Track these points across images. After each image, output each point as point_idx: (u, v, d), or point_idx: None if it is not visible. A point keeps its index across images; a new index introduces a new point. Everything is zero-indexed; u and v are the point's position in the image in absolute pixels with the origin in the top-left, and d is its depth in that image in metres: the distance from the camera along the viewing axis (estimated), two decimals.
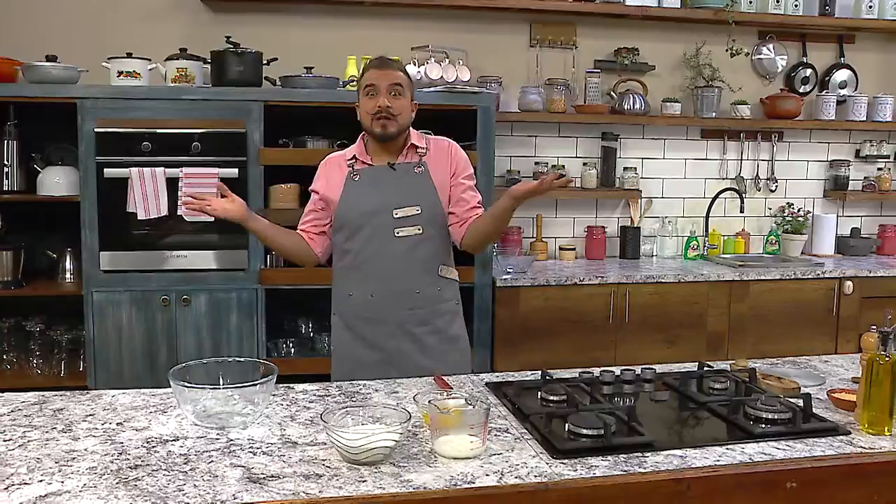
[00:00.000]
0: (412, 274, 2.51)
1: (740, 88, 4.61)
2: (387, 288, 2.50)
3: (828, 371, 2.36)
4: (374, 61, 2.53)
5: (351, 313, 2.56)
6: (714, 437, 1.78)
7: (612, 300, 3.96)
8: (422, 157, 2.55)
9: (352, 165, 2.58)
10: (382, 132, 2.46)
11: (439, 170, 2.55)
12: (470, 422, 1.65)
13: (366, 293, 2.52)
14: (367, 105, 2.48)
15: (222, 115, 3.50)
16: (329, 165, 2.66)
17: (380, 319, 2.51)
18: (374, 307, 2.51)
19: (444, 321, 2.57)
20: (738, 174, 4.79)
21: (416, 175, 2.53)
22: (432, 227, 2.53)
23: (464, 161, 2.61)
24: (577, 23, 4.47)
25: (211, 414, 1.82)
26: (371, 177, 2.54)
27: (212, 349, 3.56)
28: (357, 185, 2.54)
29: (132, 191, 3.40)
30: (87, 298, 3.47)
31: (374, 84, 2.46)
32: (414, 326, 2.51)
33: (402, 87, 2.48)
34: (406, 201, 2.50)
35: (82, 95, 3.39)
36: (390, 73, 2.47)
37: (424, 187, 2.52)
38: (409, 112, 2.52)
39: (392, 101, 2.44)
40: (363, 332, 2.54)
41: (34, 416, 1.86)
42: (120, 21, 4.00)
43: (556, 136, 4.53)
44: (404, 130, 2.52)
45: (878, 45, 4.94)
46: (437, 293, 2.55)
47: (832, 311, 4.25)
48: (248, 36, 3.72)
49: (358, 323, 2.55)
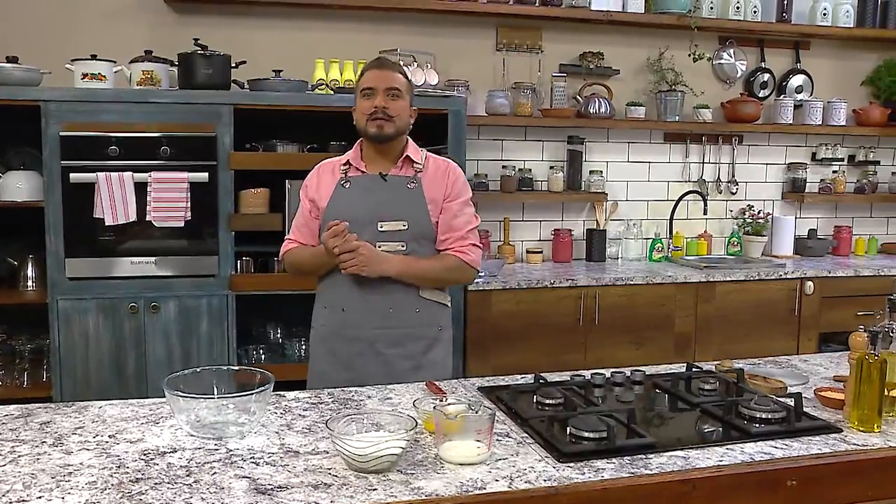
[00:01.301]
0: (387, 290, 2.39)
1: (702, 92, 4.69)
2: (359, 302, 2.41)
3: (809, 370, 2.40)
4: (372, 62, 2.48)
5: (325, 327, 2.49)
6: (713, 437, 1.81)
7: (581, 303, 3.99)
8: (417, 172, 2.48)
9: (345, 172, 2.50)
10: (378, 133, 2.39)
11: (433, 188, 2.46)
12: (476, 427, 1.64)
13: (338, 306, 2.44)
14: (363, 106, 2.42)
15: (191, 118, 3.44)
16: (322, 170, 2.58)
17: (350, 336, 2.42)
18: (345, 321, 2.43)
19: (419, 346, 2.44)
20: (700, 177, 4.87)
21: (407, 190, 2.45)
22: (418, 245, 2.43)
23: (461, 184, 2.52)
24: (542, 27, 4.50)
25: (205, 424, 1.78)
26: (361, 185, 2.47)
27: (182, 357, 3.49)
28: (346, 193, 2.47)
29: (99, 196, 3.32)
30: (52, 306, 3.37)
31: (371, 86, 2.40)
32: (385, 347, 2.41)
33: (401, 91, 2.42)
34: (393, 215, 2.42)
35: (46, 98, 3.29)
36: (389, 74, 2.42)
37: (414, 203, 2.43)
38: (408, 116, 2.47)
39: (389, 103, 2.39)
40: (335, 348, 2.45)
41: (20, 429, 1.79)
42: (81, 22, 3.90)
43: (522, 139, 4.55)
44: (401, 133, 2.46)
45: (831, 51, 5.07)
46: (415, 315, 2.44)
47: (794, 311, 4.35)
48: (213, 38, 3.65)
49: (331, 337, 2.47)
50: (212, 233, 3.49)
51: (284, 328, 3.93)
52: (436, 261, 2.46)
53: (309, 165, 3.53)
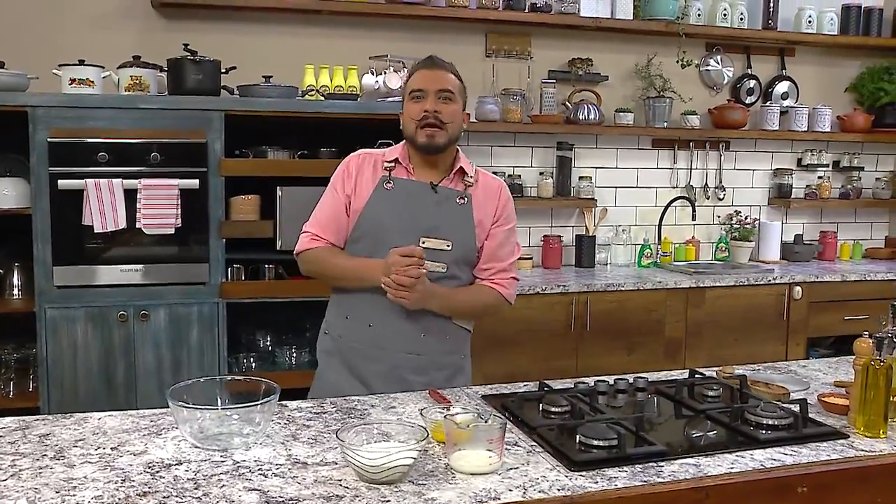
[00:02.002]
0: (422, 314, 2.22)
1: (691, 99, 4.71)
2: (389, 323, 2.22)
3: (808, 375, 2.41)
4: (423, 62, 2.26)
5: (343, 339, 2.31)
6: (723, 444, 1.80)
7: (573, 309, 3.98)
8: (467, 186, 2.28)
9: (389, 170, 2.27)
10: (428, 142, 2.18)
11: (483, 209, 2.27)
12: (488, 436, 1.62)
13: (364, 321, 2.26)
14: (412, 110, 2.20)
15: (181, 124, 3.40)
16: (364, 161, 2.31)
17: (373, 356, 2.25)
18: (369, 339, 2.25)
19: (443, 375, 2.29)
20: (687, 183, 4.89)
21: (456, 206, 2.25)
22: (459, 268, 2.27)
23: (511, 208, 2.35)
24: (531, 33, 4.50)
25: (209, 435, 1.75)
26: (407, 191, 2.25)
27: (172, 366, 3.44)
28: (389, 195, 2.24)
29: (88, 203, 3.27)
30: (39, 315, 3.31)
31: (422, 88, 2.18)
32: (408, 373, 2.24)
33: (454, 93, 2.21)
34: (438, 231, 2.23)
35: (34, 103, 3.24)
36: (441, 75, 2.20)
37: (463, 222, 2.23)
38: (460, 121, 2.25)
39: (441, 107, 2.17)
40: (352, 363, 2.28)
41: (19, 442, 1.75)
42: (68, 27, 3.85)
43: (512, 145, 4.54)
44: (453, 142, 2.25)
45: (816, 58, 5.11)
46: (445, 342, 2.29)
47: (783, 316, 4.37)
48: (201, 44, 3.60)
49: (348, 352, 2.29)
50: (202, 240, 3.45)
51: (274, 336, 3.90)
52: (474, 295, 2.31)
53: (301, 172, 3.58)
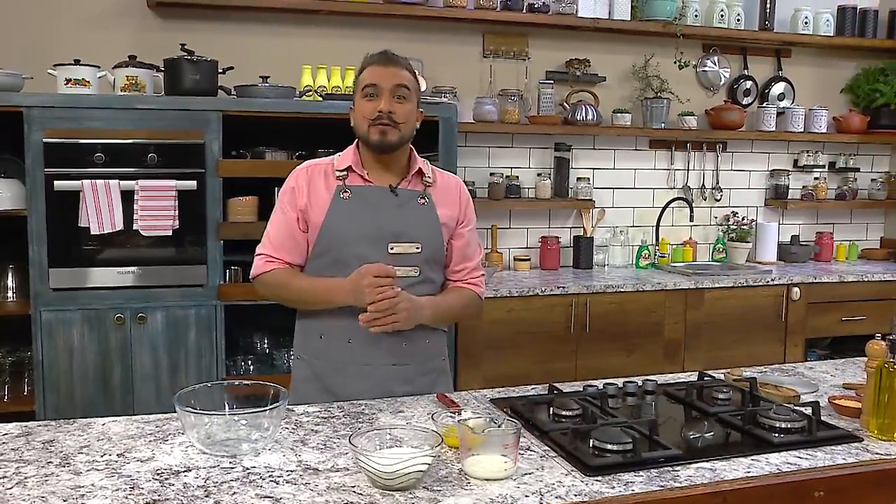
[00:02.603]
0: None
1: (688, 100, 4.70)
2: (370, 336, 2.10)
3: (816, 377, 2.40)
4: (375, 56, 2.16)
5: (321, 361, 2.19)
6: (737, 448, 1.78)
7: (572, 310, 3.96)
8: (427, 186, 2.22)
9: (343, 178, 2.18)
10: (381, 140, 2.10)
11: (444, 206, 2.22)
12: (503, 441, 1.60)
13: (342, 338, 2.14)
14: (364, 108, 2.11)
15: (179, 125, 3.36)
16: (311, 173, 2.20)
17: (356, 373, 2.14)
18: (351, 357, 2.14)
19: (428, 381, 2.22)
20: (684, 184, 4.88)
21: (419, 206, 2.19)
22: (431, 269, 2.20)
23: (472, 208, 2.31)
24: (529, 34, 4.48)
25: (216, 441, 1.72)
26: (366, 198, 2.15)
27: (169, 369, 3.41)
28: (348, 204, 2.15)
29: (84, 204, 3.23)
30: (35, 318, 3.26)
31: (374, 83, 2.10)
32: (395, 385, 2.15)
33: (409, 90, 2.13)
34: (405, 235, 2.15)
35: (29, 104, 3.19)
36: (395, 71, 2.11)
37: (428, 222, 2.17)
38: (414, 121, 2.18)
39: (395, 106, 2.09)
40: (332, 385, 2.16)
41: (23, 449, 1.72)
42: (62, 27, 3.80)
43: (509, 146, 4.52)
44: (406, 141, 2.17)
45: (811, 59, 5.12)
46: (426, 346, 2.21)
47: (781, 317, 4.37)
48: (197, 44, 3.56)
49: (328, 373, 2.17)
50: (200, 242, 3.42)
51: (271, 338, 3.87)
52: (457, 299, 2.25)
53: None
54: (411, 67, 2.19)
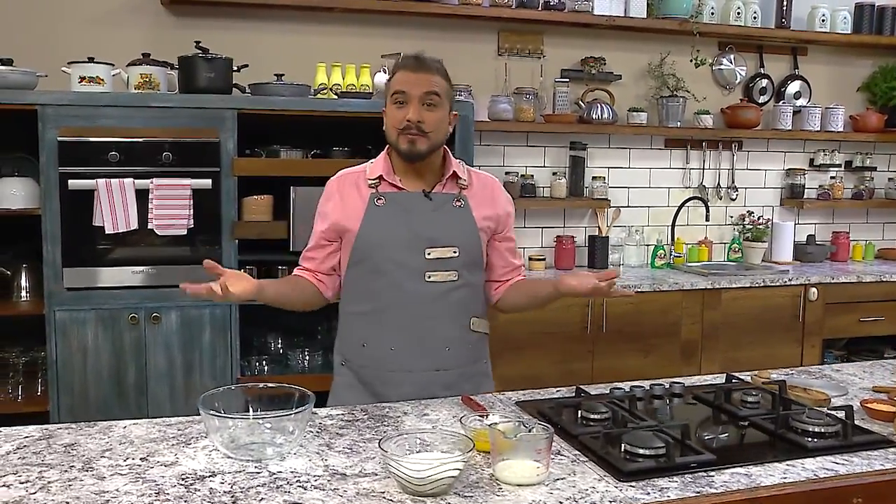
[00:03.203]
0: (443, 327, 2.14)
1: (705, 98, 4.65)
2: (412, 342, 2.12)
3: (844, 380, 2.35)
4: (407, 61, 2.10)
5: (364, 367, 2.18)
6: (771, 453, 1.74)
7: (589, 311, 3.93)
8: (462, 189, 2.18)
9: (375, 186, 2.15)
10: (409, 150, 2.07)
11: (481, 208, 2.18)
12: (535, 446, 1.56)
13: (384, 345, 2.13)
14: (393, 116, 2.08)
15: (193, 123, 3.33)
16: (343, 185, 2.20)
17: (398, 380, 2.12)
18: (393, 363, 2.13)
19: (471, 385, 2.19)
20: (700, 183, 4.84)
21: (454, 209, 2.15)
22: (469, 273, 2.16)
23: (511, 207, 2.28)
24: (544, 32, 4.44)
25: (240, 445, 1.69)
26: (400, 204, 2.12)
27: (183, 369, 3.38)
28: (382, 213, 2.12)
29: (99, 203, 3.20)
30: (49, 318, 3.24)
31: (404, 91, 2.05)
32: (438, 390, 2.13)
33: (440, 97, 2.07)
34: (441, 240, 2.11)
35: (43, 102, 3.17)
36: (426, 77, 2.06)
37: (464, 225, 2.13)
38: (446, 126, 2.13)
39: (424, 115, 2.04)
40: (377, 391, 2.15)
41: (44, 453, 1.69)
42: (76, 25, 3.78)
43: (524, 145, 4.49)
44: (437, 148, 2.12)
45: (827, 57, 5.07)
46: (469, 351, 2.20)
47: (798, 317, 4.32)
48: (210, 41, 3.52)
49: (372, 380, 2.16)
50: (215, 241, 3.39)
51: (285, 338, 3.84)
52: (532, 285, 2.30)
53: (314, 172, 3.51)
54: (443, 69, 2.14)
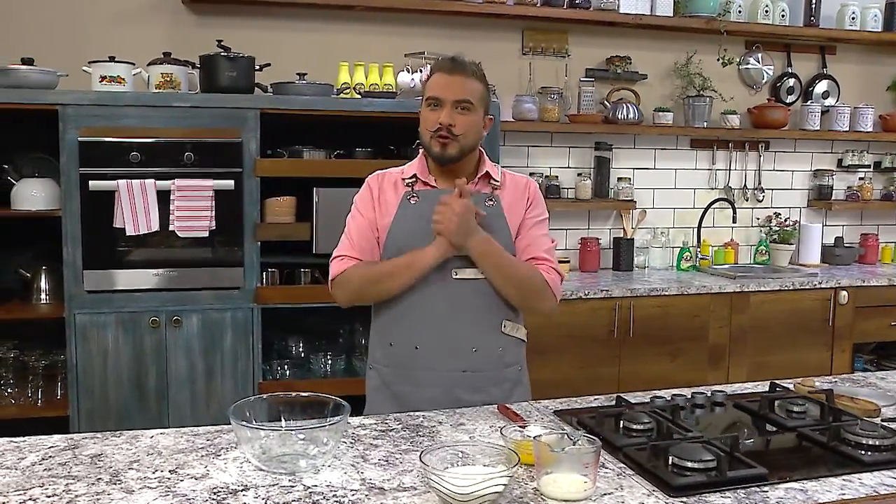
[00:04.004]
0: (470, 326, 2.10)
1: (732, 98, 4.57)
2: (437, 341, 2.08)
3: (891, 389, 2.27)
4: (443, 63, 2.10)
5: (390, 368, 2.15)
6: (825, 466, 1.67)
7: (616, 314, 3.85)
8: (494, 189, 2.17)
9: (411, 185, 2.16)
10: (440, 153, 2.08)
11: (514, 207, 2.17)
12: (583, 460, 1.50)
13: (410, 344, 2.11)
14: (427, 119, 2.08)
15: (215, 123, 3.28)
16: (383, 181, 2.21)
17: (423, 380, 2.09)
18: (418, 362, 2.10)
19: (501, 391, 2.14)
20: (726, 184, 4.75)
21: (486, 208, 2.12)
22: None
23: (539, 200, 2.22)
24: (569, 30, 4.37)
25: (272, 456, 1.63)
26: (432, 201, 2.09)
27: (204, 373, 3.32)
28: (414, 209, 2.12)
29: (120, 205, 3.15)
30: (69, 321, 3.19)
31: (438, 97, 2.05)
32: (464, 393, 2.09)
33: (473, 103, 2.06)
34: None
35: (65, 102, 3.12)
36: (460, 82, 2.05)
37: (495, 223, 2.11)
38: (479, 130, 2.12)
39: (457, 118, 2.04)
40: (401, 394, 2.12)
41: (70, 464, 1.63)
42: (96, 24, 3.73)
43: (548, 145, 4.42)
44: (469, 152, 2.11)
45: (856, 56, 4.97)
46: (498, 355, 2.15)
47: (828, 321, 4.23)
48: (231, 40, 3.46)
49: (396, 380, 2.13)
50: (237, 243, 3.33)
51: (307, 342, 3.78)
52: (520, 263, 2.14)
53: (338, 173, 3.46)
54: (480, 72, 2.13)
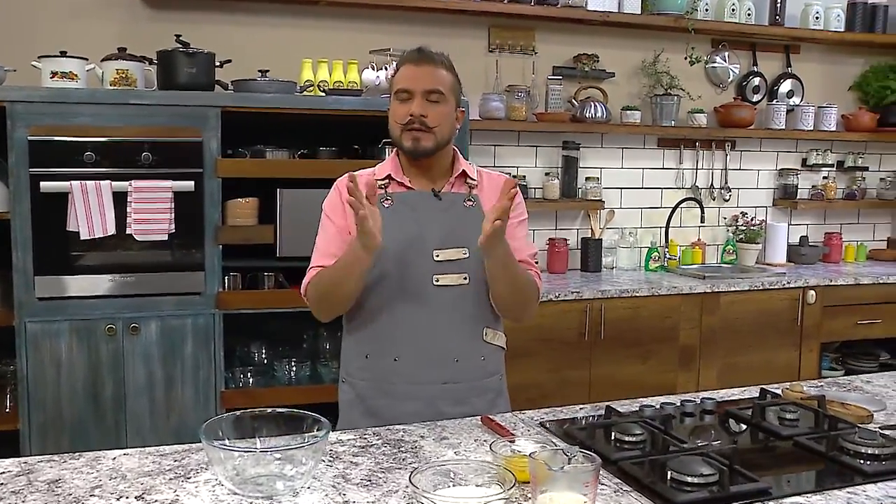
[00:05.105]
0: (452, 336, 2.00)
1: (699, 97, 4.54)
2: (418, 352, 1.99)
3: (877, 392, 2.23)
4: (410, 55, 2.01)
5: (367, 381, 2.04)
6: (828, 478, 1.61)
7: (586, 316, 3.79)
8: (472, 188, 2.08)
9: (384, 187, 2.05)
10: (414, 147, 1.98)
11: None
12: (583, 478, 1.41)
13: (388, 355, 2.00)
14: (396, 112, 1.99)
15: (174, 121, 3.13)
16: None
17: (403, 393, 1.99)
18: (398, 375, 2.00)
19: (484, 402, 2.05)
20: (693, 183, 4.73)
21: (465, 209, 2.04)
22: (481, 277, 2.00)
23: (521, 199, 2.08)
24: (536, 27, 4.30)
25: (246, 478, 1.51)
26: (408, 204, 2.02)
27: (164, 382, 3.18)
28: (390, 213, 1.99)
29: (73, 207, 2.99)
30: (19, 329, 3.02)
31: (407, 88, 1.96)
32: (446, 406, 2.00)
33: (444, 93, 1.97)
34: (451, 241, 2.00)
35: (13, 98, 2.95)
36: (430, 72, 1.97)
37: (475, 226, 1.92)
38: (453, 122, 2.03)
39: (428, 109, 1.95)
40: (378, 408, 2.02)
41: (24, 491, 1.50)
42: (46, 16, 3.56)
43: (515, 144, 4.34)
44: (444, 145, 2.02)
45: (820, 55, 4.99)
46: (481, 364, 2.06)
47: (796, 321, 4.22)
48: (189, 36, 3.31)
49: (373, 394, 2.03)
50: (197, 247, 3.19)
51: (270, 348, 3.65)
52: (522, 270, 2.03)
53: (302, 173, 3.34)
54: (449, 63, 2.05)
